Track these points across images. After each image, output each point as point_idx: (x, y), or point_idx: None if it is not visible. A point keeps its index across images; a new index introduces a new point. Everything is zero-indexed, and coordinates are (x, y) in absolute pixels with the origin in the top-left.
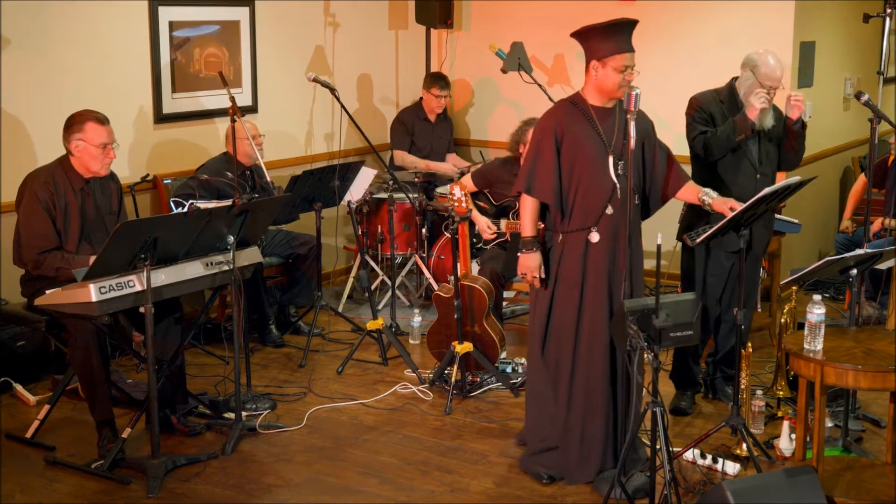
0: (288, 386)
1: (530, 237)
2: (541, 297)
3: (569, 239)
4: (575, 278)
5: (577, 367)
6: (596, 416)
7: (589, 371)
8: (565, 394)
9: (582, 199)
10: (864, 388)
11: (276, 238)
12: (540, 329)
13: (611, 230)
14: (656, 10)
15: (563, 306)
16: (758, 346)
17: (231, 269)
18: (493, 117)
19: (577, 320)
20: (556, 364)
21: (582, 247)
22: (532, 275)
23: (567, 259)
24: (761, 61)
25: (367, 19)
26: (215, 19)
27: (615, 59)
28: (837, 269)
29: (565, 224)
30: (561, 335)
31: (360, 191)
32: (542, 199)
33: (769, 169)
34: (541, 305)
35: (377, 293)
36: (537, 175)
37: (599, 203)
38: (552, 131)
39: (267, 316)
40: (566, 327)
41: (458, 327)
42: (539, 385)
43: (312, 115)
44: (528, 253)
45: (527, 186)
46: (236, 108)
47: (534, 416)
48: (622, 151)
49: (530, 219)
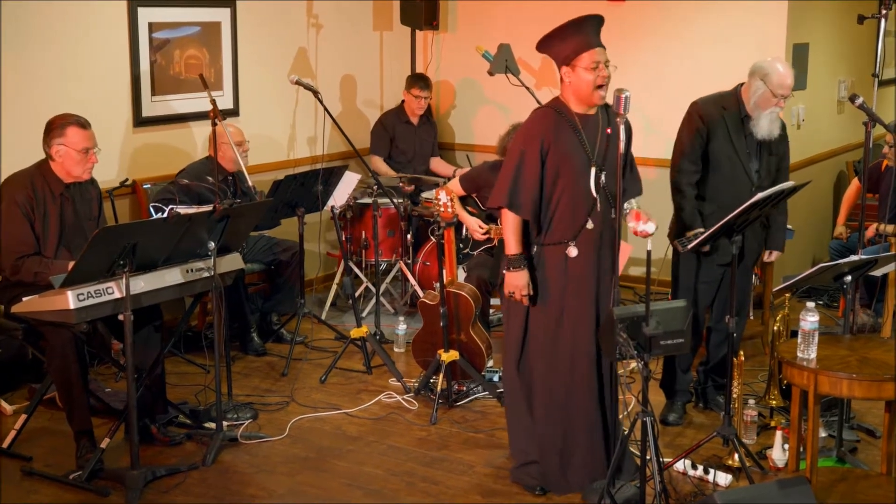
0: (270, 395)
1: (516, 255)
2: (515, 309)
3: (546, 252)
4: (553, 292)
5: (555, 381)
6: (576, 429)
7: (569, 384)
8: (541, 408)
9: (562, 213)
10: (859, 397)
11: (257, 244)
12: (516, 342)
13: (591, 244)
14: (647, 9)
15: (539, 320)
16: (750, 354)
17: (212, 275)
18: (479, 120)
19: (556, 334)
20: (530, 378)
21: (560, 260)
22: (521, 293)
23: (545, 273)
24: (772, 69)
25: (351, 20)
26: (196, 20)
27: (582, 57)
28: (831, 275)
29: (542, 236)
30: (537, 349)
31: (344, 196)
32: (523, 216)
33: (767, 183)
34: (516, 318)
35: (361, 300)
36: (520, 189)
37: (580, 217)
38: (538, 142)
39: (248, 324)
40: (543, 341)
41: (443, 335)
42: (515, 399)
43: (295, 118)
44: (515, 271)
45: (509, 201)
46: (217, 112)
47: (513, 430)
48: (604, 162)
49: (514, 235)
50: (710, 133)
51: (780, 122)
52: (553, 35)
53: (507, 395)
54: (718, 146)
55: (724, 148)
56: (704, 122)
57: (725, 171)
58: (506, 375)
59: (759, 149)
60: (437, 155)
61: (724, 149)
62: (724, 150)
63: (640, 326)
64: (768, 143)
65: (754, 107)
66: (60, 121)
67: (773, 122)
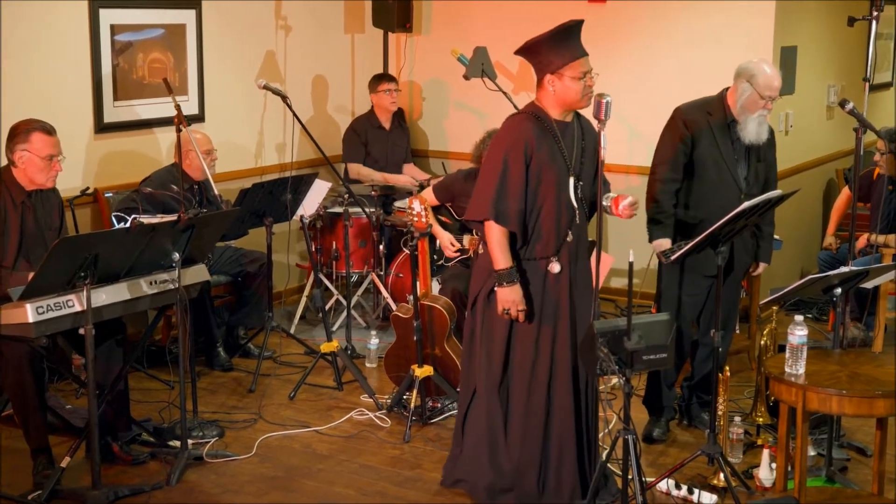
0: (237, 412)
1: (506, 269)
2: (497, 328)
3: (527, 267)
4: (533, 309)
5: (533, 402)
6: (554, 450)
7: (548, 406)
8: (519, 431)
9: (543, 226)
10: (849, 414)
11: (224, 255)
12: (496, 365)
13: (571, 257)
14: (629, 11)
15: (521, 340)
16: (736, 369)
17: (176, 287)
18: (454, 126)
19: (535, 354)
20: (507, 401)
21: (541, 277)
22: (516, 308)
23: (525, 289)
24: (758, 70)
25: (321, 22)
26: (160, 22)
27: (571, 67)
28: (821, 287)
29: (524, 251)
30: (517, 371)
31: (314, 205)
32: (511, 228)
33: (756, 190)
34: (498, 338)
35: (332, 314)
36: (506, 199)
37: (561, 229)
38: (522, 148)
39: (214, 338)
40: (524, 363)
41: (417, 350)
42: (494, 423)
43: (263, 124)
44: (508, 286)
45: (494, 212)
46: (182, 117)
47: (479, 456)
48: (581, 171)
49: (501, 248)
50: (695, 140)
51: (768, 125)
52: (538, 43)
53: (480, 419)
54: (704, 153)
55: (711, 154)
56: (689, 128)
57: (712, 179)
58: (482, 399)
59: (748, 154)
60: (410, 161)
61: (710, 155)
62: (710, 156)
63: (621, 341)
64: (756, 149)
65: (741, 110)
66: (25, 126)
67: (762, 126)
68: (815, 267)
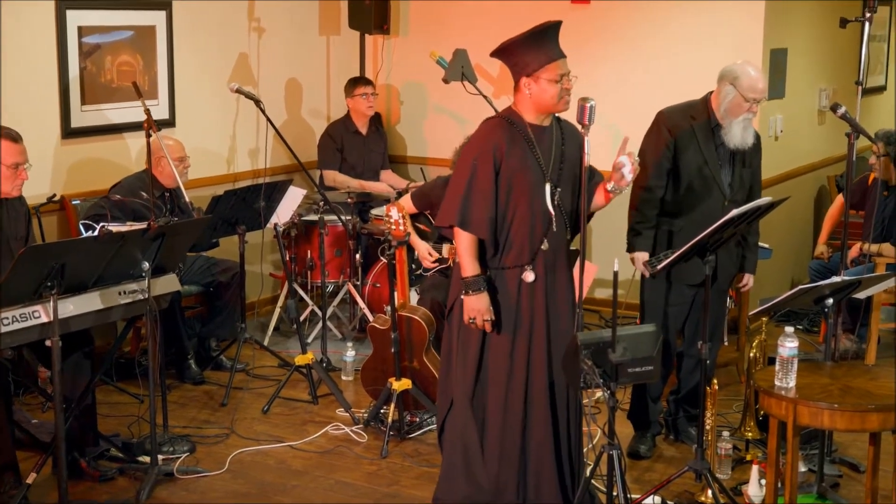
0: (208, 427)
1: (473, 276)
2: (469, 338)
3: (500, 276)
4: (507, 320)
5: (509, 417)
6: (533, 466)
7: (524, 420)
8: (495, 446)
9: (516, 233)
10: (841, 429)
11: (195, 264)
12: (469, 377)
13: (547, 266)
14: (613, 12)
15: (495, 351)
16: (724, 382)
17: (146, 298)
18: (433, 131)
19: (510, 366)
20: (482, 414)
21: (515, 286)
22: (482, 318)
23: (500, 299)
24: (742, 72)
25: (296, 24)
26: (129, 24)
27: (547, 69)
28: (812, 298)
29: (497, 259)
30: (492, 384)
31: (288, 212)
32: (479, 235)
33: (741, 196)
34: (470, 348)
35: (306, 325)
36: (473, 206)
37: (535, 237)
38: (491, 154)
39: (185, 350)
40: (498, 375)
41: (395, 362)
42: (468, 436)
43: (235, 129)
44: (474, 294)
45: (461, 219)
46: (152, 122)
47: (455, 472)
48: (559, 178)
49: (470, 256)
50: (679, 145)
51: (753, 130)
52: (513, 45)
53: (454, 432)
54: (688, 159)
55: (695, 160)
56: (672, 133)
57: (696, 185)
58: (455, 413)
59: (732, 160)
60: (387, 168)
61: (694, 161)
62: (694, 162)
63: (606, 353)
64: (742, 154)
65: (725, 114)
66: None
67: (747, 130)
68: (805, 277)
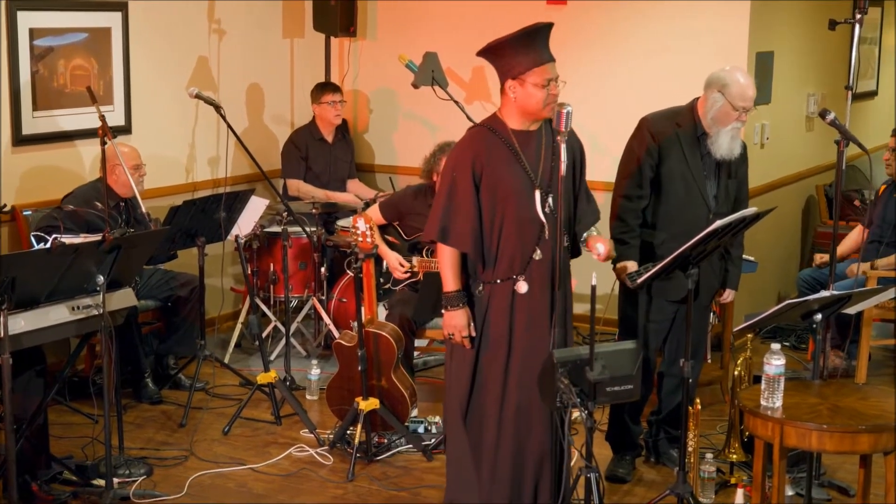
0: (166, 448)
1: (454, 292)
2: (462, 356)
3: (494, 290)
4: (502, 334)
5: (504, 435)
6: (527, 487)
7: (519, 438)
8: (489, 465)
9: (506, 244)
10: (830, 450)
11: (152, 278)
12: (462, 391)
13: (541, 277)
14: (591, 13)
15: (489, 367)
16: (707, 402)
17: (101, 313)
18: (402, 139)
19: (504, 381)
20: (478, 431)
21: (508, 299)
22: (460, 334)
23: (493, 313)
24: (731, 80)
25: (258, 26)
26: (83, 26)
27: (534, 73)
28: (799, 313)
29: (489, 273)
30: (486, 399)
31: (250, 224)
32: (461, 249)
33: (726, 208)
34: (463, 366)
35: (269, 342)
36: (454, 219)
37: (526, 247)
38: (469, 166)
39: (142, 368)
40: (492, 390)
41: (362, 381)
42: (459, 451)
43: (195, 136)
44: (453, 310)
45: (441, 233)
46: (107, 129)
47: (453, 484)
48: (549, 184)
49: (451, 270)
50: (663, 153)
51: (741, 140)
52: (501, 45)
53: (450, 446)
54: (672, 168)
55: (679, 169)
56: (656, 140)
57: (679, 196)
58: (449, 425)
59: (718, 170)
60: (354, 177)
61: (678, 170)
62: (677, 171)
63: (583, 371)
64: (728, 165)
65: (712, 122)
66: None
67: (734, 140)
68: (793, 290)
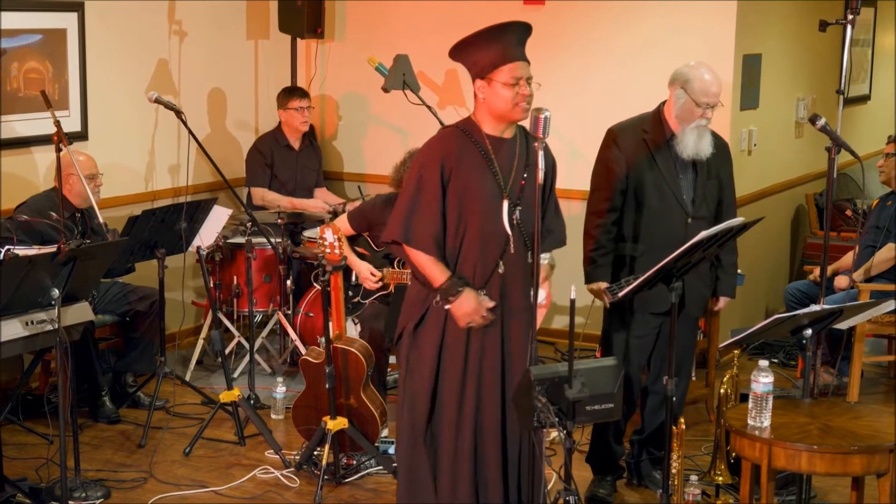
0: (125, 470)
1: (446, 281)
2: (420, 371)
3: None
4: (459, 350)
5: (460, 457)
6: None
7: (475, 460)
8: (447, 491)
9: (467, 254)
10: (821, 472)
11: (110, 292)
12: (420, 410)
13: (503, 292)
14: (571, 13)
15: (446, 385)
16: (692, 421)
17: (56, 329)
18: (372, 145)
19: (461, 400)
20: (435, 453)
21: None
22: (479, 315)
23: (446, 326)
24: (693, 75)
25: (221, 27)
26: (37, 27)
27: (501, 71)
28: (789, 328)
29: None
30: (444, 419)
31: (212, 234)
32: (422, 250)
33: (705, 211)
34: (421, 379)
35: (232, 358)
36: (416, 220)
37: (488, 259)
38: (438, 165)
39: (99, 385)
40: (450, 407)
41: (330, 399)
42: (417, 476)
43: (154, 143)
44: (456, 298)
45: (404, 234)
46: (62, 135)
47: None
48: (519, 196)
49: (432, 265)
50: (631, 163)
51: (710, 136)
52: (469, 41)
53: (404, 472)
54: (643, 176)
55: (650, 178)
56: (623, 150)
57: (654, 204)
58: (404, 447)
59: (694, 173)
60: (322, 185)
61: (649, 179)
62: (649, 180)
63: (562, 389)
64: (705, 166)
65: (677, 120)
66: None
67: (702, 138)
68: (781, 305)
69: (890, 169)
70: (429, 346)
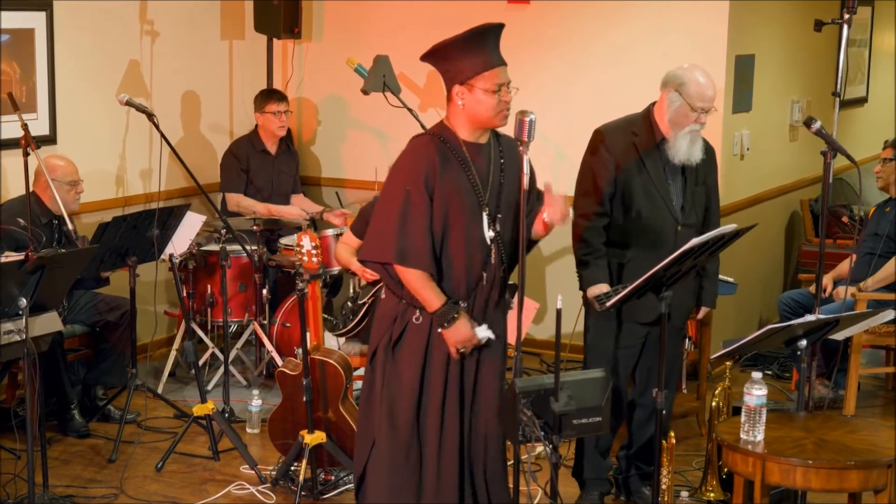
0: (94, 486)
1: (442, 306)
2: (400, 385)
3: (433, 317)
4: (440, 364)
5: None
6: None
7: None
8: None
9: (448, 267)
10: (816, 488)
11: (80, 301)
12: (403, 426)
13: (483, 305)
14: (557, 13)
15: (431, 400)
16: (683, 435)
17: (23, 339)
18: (351, 150)
19: (442, 416)
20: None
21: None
22: (472, 343)
23: (427, 341)
24: (689, 78)
25: (195, 27)
26: (3, 27)
27: (484, 77)
28: (783, 339)
29: None
30: (427, 429)
31: (186, 242)
32: (421, 269)
33: (694, 218)
34: (405, 393)
35: (206, 370)
36: (410, 237)
37: (472, 271)
38: (423, 176)
39: (68, 398)
40: (432, 419)
41: (307, 413)
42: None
43: (125, 147)
44: (450, 325)
45: (399, 255)
46: (30, 139)
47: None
48: (498, 204)
49: (428, 289)
50: (620, 166)
51: (702, 142)
52: (446, 47)
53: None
54: (632, 180)
55: (639, 182)
56: (611, 152)
57: (642, 210)
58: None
59: (683, 179)
60: (299, 191)
61: (638, 183)
62: (638, 184)
63: (547, 402)
64: (694, 171)
65: (669, 124)
66: None
67: (694, 143)
68: (775, 315)
69: (888, 174)
70: (409, 367)
